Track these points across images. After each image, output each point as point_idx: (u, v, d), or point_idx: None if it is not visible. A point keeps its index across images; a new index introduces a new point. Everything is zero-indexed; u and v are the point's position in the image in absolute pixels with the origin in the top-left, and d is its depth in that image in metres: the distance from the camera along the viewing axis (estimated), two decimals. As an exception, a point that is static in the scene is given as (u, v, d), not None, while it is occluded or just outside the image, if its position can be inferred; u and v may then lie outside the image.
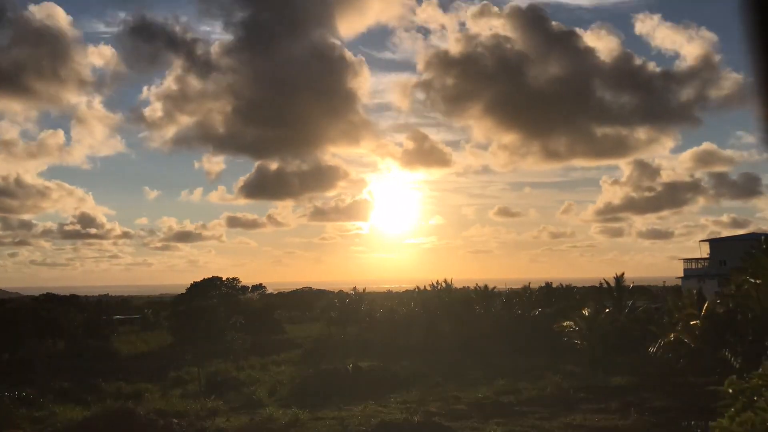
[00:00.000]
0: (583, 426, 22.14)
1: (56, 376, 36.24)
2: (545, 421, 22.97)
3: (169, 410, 26.22)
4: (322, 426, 22.93)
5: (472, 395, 28.30)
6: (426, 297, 59.00)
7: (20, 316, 55.26)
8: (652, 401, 25.39)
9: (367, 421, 22.88)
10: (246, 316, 64.52)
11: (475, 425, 22.35)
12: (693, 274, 79.91)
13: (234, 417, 25.44)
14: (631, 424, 22.20)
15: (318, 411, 25.55)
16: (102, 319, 67.76)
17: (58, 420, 25.00)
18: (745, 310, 26.44)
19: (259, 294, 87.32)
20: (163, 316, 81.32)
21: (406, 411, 24.54)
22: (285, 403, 28.21)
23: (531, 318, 50.42)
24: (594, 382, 30.97)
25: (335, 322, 62.89)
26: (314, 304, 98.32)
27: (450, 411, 24.93)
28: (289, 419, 23.77)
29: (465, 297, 57.10)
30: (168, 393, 32.90)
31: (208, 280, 79.88)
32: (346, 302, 64.31)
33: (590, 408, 25.01)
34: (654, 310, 46.87)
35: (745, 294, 26.14)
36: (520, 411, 24.89)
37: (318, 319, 78.22)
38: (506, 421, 22.90)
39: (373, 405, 26.60)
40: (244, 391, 31.06)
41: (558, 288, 77.24)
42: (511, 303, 54.88)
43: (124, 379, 36.36)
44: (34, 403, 28.12)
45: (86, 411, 25.93)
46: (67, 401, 29.87)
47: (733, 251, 58.83)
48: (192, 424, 24.14)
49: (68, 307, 66.58)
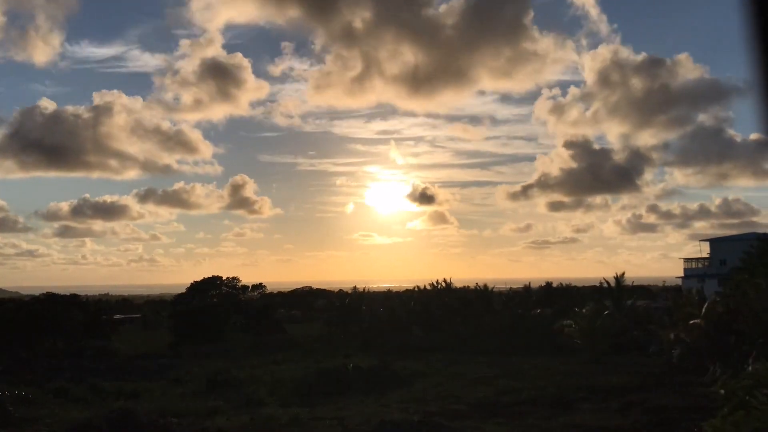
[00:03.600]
0: (583, 426, 22.13)
1: (56, 376, 36.24)
2: (545, 421, 22.97)
3: (169, 410, 26.22)
4: (322, 425, 22.94)
5: (472, 395, 28.30)
6: (426, 296, 59.06)
7: (20, 316, 55.30)
8: (652, 401, 25.38)
9: (367, 420, 22.89)
10: (246, 316, 64.58)
11: (475, 425, 22.33)
12: (693, 273, 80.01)
13: (234, 416, 25.44)
14: (631, 424, 22.20)
15: (318, 410, 25.57)
16: (102, 318, 67.71)
17: (58, 420, 24.98)
18: (745, 309, 26.45)
19: (259, 293, 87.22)
20: (163, 316, 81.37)
21: (406, 411, 24.56)
22: (285, 402, 28.22)
23: (531, 318, 50.49)
24: (594, 382, 30.96)
25: (335, 321, 62.91)
26: (314, 304, 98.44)
27: (450, 411, 24.91)
28: (289, 418, 23.78)
29: (465, 297, 57.16)
30: (168, 393, 32.90)
31: (208, 280, 79.80)
32: (346, 302, 64.34)
33: (590, 408, 25.00)
34: (654, 309, 46.93)
35: (745, 294, 26.18)
36: (520, 411, 24.88)
37: (318, 319, 78.27)
38: (506, 421, 22.89)
39: (373, 404, 26.62)
40: (244, 391, 31.06)
41: (558, 288, 77.42)
42: (511, 303, 54.97)
43: (124, 379, 36.34)
44: (34, 403, 28.11)
45: (86, 411, 25.93)
46: (67, 401, 29.87)
47: (733, 251, 58.88)
48: (192, 423, 24.13)
49: (68, 307, 66.58)
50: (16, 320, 53.52)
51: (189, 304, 68.97)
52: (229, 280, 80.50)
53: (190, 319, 59.50)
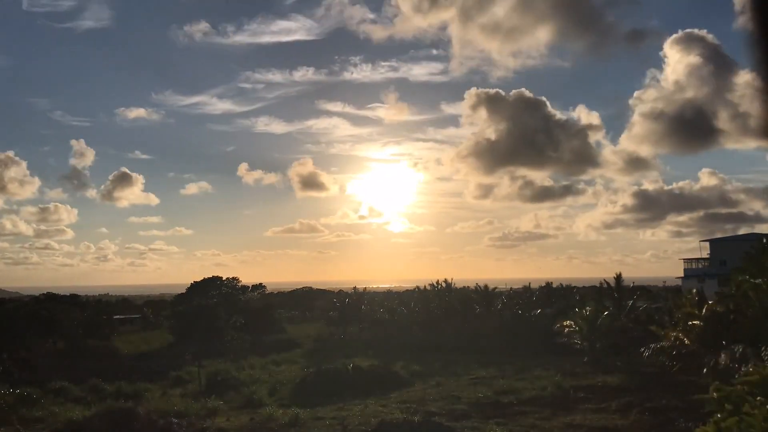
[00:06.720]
0: (583, 426, 22.12)
1: (56, 376, 36.21)
2: (545, 421, 22.96)
3: (169, 410, 26.21)
4: (322, 425, 22.93)
5: (472, 395, 28.29)
6: (426, 297, 59.05)
7: (20, 316, 55.27)
8: (652, 401, 25.37)
9: (367, 420, 22.89)
10: (246, 316, 64.57)
11: (475, 425, 22.32)
12: (693, 274, 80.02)
13: (234, 417, 25.45)
14: (631, 424, 22.19)
15: (318, 410, 25.55)
16: (102, 318, 67.74)
17: (58, 420, 24.96)
18: (745, 310, 26.42)
19: (259, 294, 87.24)
20: (163, 316, 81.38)
21: (406, 411, 24.54)
22: (285, 402, 28.22)
23: (531, 318, 50.46)
24: (594, 382, 30.96)
25: (335, 322, 62.92)
26: (314, 304, 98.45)
27: (450, 411, 24.90)
28: (289, 419, 23.77)
29: (465, 297, 57.15)
30: (168, 393, 32.90)
31: (208, 280, 79.85)
32: (346, 302, 64.34)
33: (590, 408, 25.00)
34: (654, 310, 46.88)
35: (745, 294, 26.13)
36: (520, 411, 24.88)
37: (318, 319, 78.28)
38: (506, 421, 22.88)
39: (373, 404, 26.60)
40: (244, 391, 31.05)
41: (558, 288, 77.50)
42: (511, 303, 54.96)
43: (124, 378, 36.32)
44: (34, 403, 28.09)
45: (86, 411, 25.92)
46: (67, 401, 29.86)
47: (733, 251, 58.90)
48: (192, 424, 24.13)
49: (68, 307, 66.58)
50: (16, 320, 53.46)
51: (189, 304, 69.00)
52: (229, 280, 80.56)
53: (190, 319, 59.47)
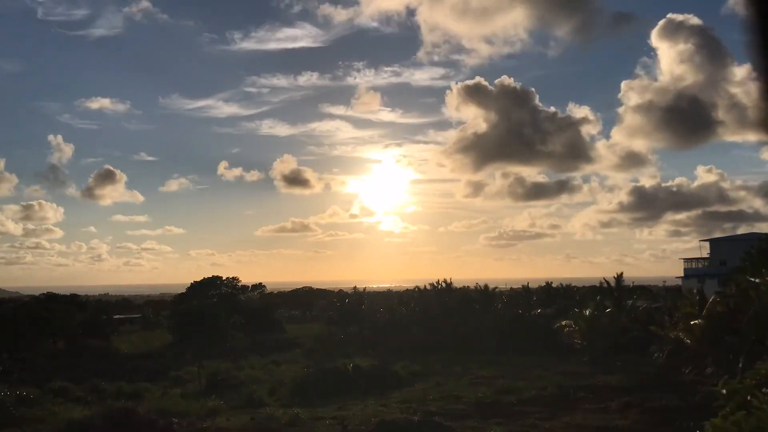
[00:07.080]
0: (583, 426, 22.11)
1: (56, 376, 36.19)
2: (545, 421, 22.94)
3: (169, 410, 26.19)
4: (322, 425, 22.93)
5: (472, 395, 28.29)
6: (426, 297, 59.00)
7: (20, 316, 55.29)
8: (652, 401, 25.36)
9: (368, 420, 22.88)
10: (246, 316, 64.62)
11: (475, 425, 22.32)
12: (693, 273, 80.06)
13: (234, 416, 25.43)
14: (631, 424, 22.19)
15: (318, 410, 25.54)
16: (102, 318, 67.75)
17: (58, 420, 24.95)
18: (746, 309, 26.44)
19: (259, 293, 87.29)
20: (163, 316, 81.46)
21: (406, 410, 24.53)
22: (285, 402, 28.22)
23: (531, 318, 50.46)
24: (594, 382, 30.96)
25: (335, 321, 62.88)
26: (314, 304, 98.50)
27: (450, 411, 24.90)
28: (289, 418, 23.75)
29: (465, 297, 57.10)
30: (168, 393, 32.88)
31: (208, 280, 79.93)
32: (346, 302, 64.32)
33: (590, 408, 24.99)
34: (654, 309, 46.89)
35: (745, 294, 26.16)
36: (520, 411, 24.86)
37: (318, 319, 78.28)
38: (506, 421, 22.87)
39: (374, 404, 26.60)
40: (245, 391, 31.04)
41: (558, 288, 77.50)
42: (511, 303, 54.97)
43: (124, 379, 36.32)
44: (34, 403, 28.08)
45: (86, 411, 25.91)
46: (67, 401, 29.84)
47: (733, 251, 58.92)
48: (192, 423, 24.11)
49: (68, 307, 66.62)
50: (16, 320, 53.48)
51: (189, 304, 69.05)
52: (229, 280, 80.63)
53: (190, 319, 59.53)
